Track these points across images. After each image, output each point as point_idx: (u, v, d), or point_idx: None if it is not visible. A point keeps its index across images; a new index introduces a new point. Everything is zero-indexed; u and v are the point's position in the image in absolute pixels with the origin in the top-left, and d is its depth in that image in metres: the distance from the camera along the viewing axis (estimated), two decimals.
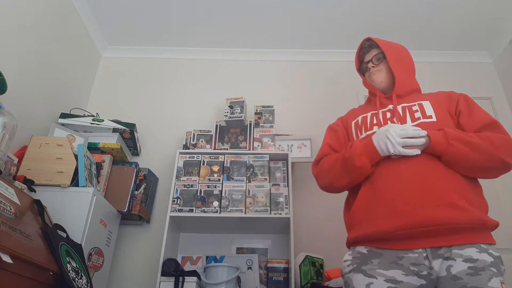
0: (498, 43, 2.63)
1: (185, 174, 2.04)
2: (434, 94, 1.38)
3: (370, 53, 1.50)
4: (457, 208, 1.05)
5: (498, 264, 1.06)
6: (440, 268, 1.04)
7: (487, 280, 1.00)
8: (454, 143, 1.11)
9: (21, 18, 1.90)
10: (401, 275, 1.06)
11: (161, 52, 2.80)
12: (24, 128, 1.80)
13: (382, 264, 1.09)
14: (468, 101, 1.33)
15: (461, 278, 1.01)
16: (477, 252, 1.04)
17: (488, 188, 2.27)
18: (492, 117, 1.26)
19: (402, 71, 1.41)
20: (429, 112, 1.26)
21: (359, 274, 1.11)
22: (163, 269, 1.73)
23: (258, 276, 1.95)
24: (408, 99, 1.35)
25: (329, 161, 1.31)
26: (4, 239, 1.00)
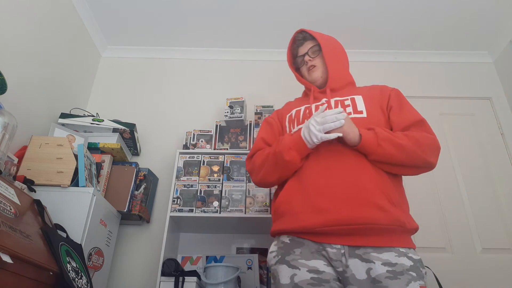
0: (498, 43, 2.63)
1: (185, 174, 2.04)
2: (368, 89, 1.38)
3: (304, 46, 1.47)
4: (379, 209, 1.06)
5: (418, 267, 1.06)
6: (358, 269, 1.05)
7: (405, 284, 1.00)
8: (383, 144, 1.12)
9: (21, 18, 1.90)
10: (323, 265, 1.08)
11: (161, 52, 2.80)
12: (24, 128, 1.80)
13: (304, 254, 1.10)
14: (399, 97, 1.33)
15: (380, 282, 1.01)
16: (396, 256, 1.05)
17: (488, 188, 2.29)
18: (420, 115, 1.27)
19: (336, 65, 1.41)
20: (360, 107, 1.27)
21: (283, 266, 1.12)
22: (163, 269, 1.73)
23: (258, 276, 1.95)
24: (341, 93, 1.35)
25: (262, 156, 1.30)
26: (4, 239, 1.00)
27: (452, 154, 2.40)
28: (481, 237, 2.15)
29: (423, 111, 2.52)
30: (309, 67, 1.42)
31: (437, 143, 1.20)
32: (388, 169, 1.17)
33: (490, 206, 2.24)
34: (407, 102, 1.32)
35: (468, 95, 2.61)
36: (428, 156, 1.16)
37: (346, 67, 1.47)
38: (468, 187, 2.30)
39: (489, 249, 2.12)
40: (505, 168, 2.35)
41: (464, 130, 2.48)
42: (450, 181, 2.31)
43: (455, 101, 2.58)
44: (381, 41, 2.67)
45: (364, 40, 2.67)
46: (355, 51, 2.73)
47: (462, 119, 2.52)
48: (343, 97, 1.32)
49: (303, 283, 1.06)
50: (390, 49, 2.73)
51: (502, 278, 2.02)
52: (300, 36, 1.49)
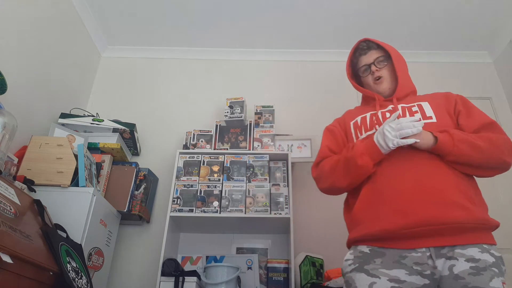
0: (498, 43, 2.63)
1: (185, 174, 2.04)
2: (431, 95, 1.37)
3: (369, 55, 1.44)
4: (462, 208, 1.06)
5: (499, 264, 1.07)
6: (443, 267, 1.04)
7: (488, 280, 1.00)
8: (460, 145, 1.12)
9: (21, 18, 1.90)
10: (404, 274, 1.06)
11: (161, 52, 2.80)
12: (24, 128, 1.80)
13: (385, 263, 1.08)
14: (465, 101, 1.34)
15: (463, 278, 1.01)
16: (479, 252, 1.05)
17: (488, 188, 2.27)
18: (489, 118, 1.27)
19: (404, 74, 1.41)
20: (428, 113, 1.27)
21: (362, 274, 1.10)
22: (163, 269, 1.73)
23: (258, 276, 1.95)
24: (407, 101, 1.35)
25: (330, 163, 1.30)
26: (4, 239, 1.00)
27: None
28: None
29: None
30: (376, 78, 1.41)
31: (511, 143, 1.19)
32: (464, 169, 1.16)
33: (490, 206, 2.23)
34: (474, 106, 1.32)
35: (468, 95, 2.57)
36: (505, 155, 1.16)
37: (409, 76, 1.47)
38: None
39: None
40: None
41: None
42: None
43: None
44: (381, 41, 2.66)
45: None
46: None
47: None
48: (409, 104, 1.32)
49: None
50: None
51: None
52: (363, 45, 1.47)
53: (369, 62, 1.43)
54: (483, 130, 1.21)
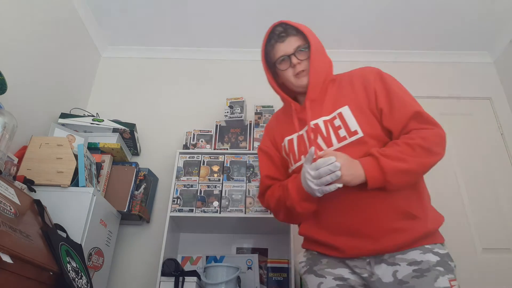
0: (498, 43, 2.63)
1: (185, 174, 2.04)
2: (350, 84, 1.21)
3: (287, 43, 1.21)
4: (400, 231, 1.04)
5: (445, 262, 1.03)
6: (384, 273, 1.04)
7: (433, 280, 0.98)
8: (392, 180, 1.01)
9: (21, 18, 1.90)
10: (347, 273, 1.09)
11: (161, 52, 2.80)
12: (24, 128, 1.80)
13: (330, 263, 1.13)
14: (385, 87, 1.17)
15: (407, 282, 1.00)
16: (421, 253, 1.03)
17: (488, 188, 2.29)
18: (413, 106, 1.13)
19: (320, 67, 1.22)
20: (352, 125, 1.11)
21: (311, 275, 1.15)
22: (163, 269, 1.73)
23: (258, 276, 1.95)
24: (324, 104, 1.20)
25: (273, 200, 1.22)
26: (4, 239, 1.00)
27: (452, 154, 2.40)
28: (481, 237, 2.15)
29: None
30: (297, 72, 1.21)
31: (441, 135, 1.11)
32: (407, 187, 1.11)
33: (490, 206, 2.24)
34: (394, 88, 1.16)
35: (468, 95, 2.61)
36: (438, 154, 1.09)
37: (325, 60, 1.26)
38: (468, 187, 2.30)
39: (489, 249, 2.12)
40: (505, 168, 2.35)
41: (464, 130, 2.47)
42: (450, 181, 2.31)
43: (455, 101, 2.58)
44: (381, 41, 2.67)
45: (364, 40, 2.67)
46: (355, 51, 2.74)
47: (462, 119, 2.52)
48: (330, 115, 1.16)
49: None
50: (390, 49, 2.73)
51: (502, 278, 2.02)
52: (279, 29, 1.22)
53: (288, 52, 1.20)
54: (410, 126, 1.10)
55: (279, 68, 1.25)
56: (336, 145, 1.12)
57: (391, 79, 1.21)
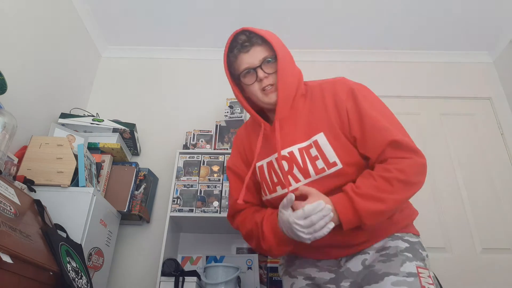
0: (498, 43, 2.63)
1: (185, 174, 2.04)
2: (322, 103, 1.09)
3: (252, 54, 1.08)
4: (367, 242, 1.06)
5: (415, 249, 1.02)
6: (353, 263, 1.05)
7: (399, 265, 0.97)
8: (367, 222, 0.94)
9: (21, 18, 1.90)
10: (315, 271, 1.11)
11: (161, 52, 2.80)
12: (24, 128, 1.80)
13: (301, 263, 1.15)
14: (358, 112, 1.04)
15: (373, 266, 1.00)
16: (390, 240, 1.04)
17: (488, 188, 2.29)
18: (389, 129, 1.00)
19: (288, 80, 1.09)
20: (331, 156, 1.02)
21: (286, 276, 1.18)
22: (163, 269, 1.73)
23: (258, 276, 1.95)
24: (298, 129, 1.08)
25: (244, 230, 1.14)
26: (4, 239, 1.00)
27: (452, 154, 2.40)
28: (481, 237, 2.15)
29: (423, 111, 2.54)
30: (264, 87, 1.08)
31: (421, 164, 1.00)
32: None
33: (490, 206, 2.24)
34: (367, 111, 1.03)
35: (468, 95, 2.61)
36: (417, 184, 1.00)
37: (293, 74, 1.13)
38: (468, 187, 2.30)
39: (489, 249, 2.12)
40: (505, 168, 2.35)
41: (464, 130, 2.47)
42: (450, 181, 2.31)
43: (455, 101, 2.58)
44: (381, 41, 2.67)
45: (364, 40, 2.67)
46: (355, 51, 2.74)
47: (462, 119, 2.52)
48: (305, 142, 1.06)
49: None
50: (390, 49, 2.73)
51: (502, 278, 2.02)
52: (243, 38, 1.10)
53: (254, 65, 1.08)
54: (386, 152, 0.99)
55: (244, 82, 1.11)
56: (314, 177, 1.03)
57: (363, 96, 1.07)
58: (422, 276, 0.96)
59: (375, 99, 1.10)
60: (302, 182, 1.04)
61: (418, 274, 0.96)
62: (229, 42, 1.13)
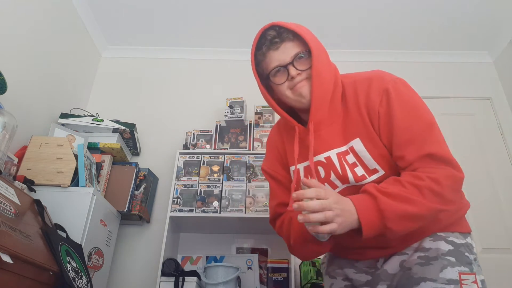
0: (498, 43, 2.63)
1: (185, 174, 2.04)
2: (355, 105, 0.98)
3: (282, 51, 0.97)
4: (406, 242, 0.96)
5: (460, 252, 0.90)
6: (392, 264, 0.97)
7: (438, 270, 0.86)
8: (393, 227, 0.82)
9: (21, 18, 1.90)
10: (352, 272, 1.07)
11: (161, 52, 2.80)
12: (24, 128, 1.80)
13: (340, 263, 1.12)
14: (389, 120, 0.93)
15: (409, 268, 0.90)
16: (431, 240, 0.92)
17: (488, 188, 2.29)
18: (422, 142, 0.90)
19: (323, 79, 0.96)
20: (370, 163, 0.94)
21: (326, 276, 1.16)
22: (163, 269, 1.73)
23: (258, 276, 1.95)
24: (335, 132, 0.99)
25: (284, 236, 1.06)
26: (4, 239, 1.00)
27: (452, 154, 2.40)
28: (481, 237, 2.15)
29: None
30: (295, 84, 0.97)
31: (458, 179, 0.88)
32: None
33: (490, 206, 2.24)
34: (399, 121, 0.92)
35: (468, 95, 2.61)
36: (452, 203, 0.89)
37: (330, 74, 1.00)
38: (468, 187, 2.28)
39: (489, 249, 2.12)
40: (505, 168, 2.35)
41: (464, 130, 2.47)
42: None
43: (455, 101, 2.58)
44: (381, 41, 2.67)
45: (364, 40, 2.67)
46: (355, 51, 2.74)
47: (462, 119, 2.52)
48: (342, 147, 0.97)
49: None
50: (390, 49, 2.73)
51: (502, 278, 2.02)
52: (273, 34, 0.98)
53: (285, 62, 0.97)
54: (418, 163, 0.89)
55: (273, 82, 1.00)
56: (353, 184, 0.95)
57: (399, 98, 0.94)
58: (465, 283, 0.86)
59: (413, 99, 0.98)
60: (340, 188, 0.97)
61: (460, 281, 0.86)
62: (257, 39, 1.01)
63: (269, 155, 1.17)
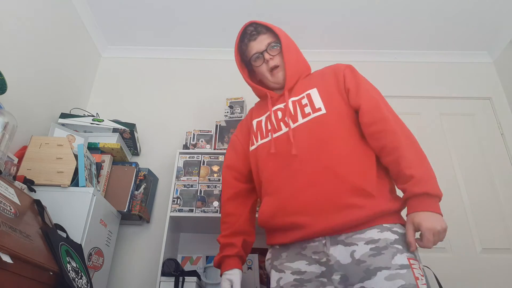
0: (498, 43, 2.63)
1: (185, 174, 2.04)
2: (321, 74, 1.31)
3: (259, 41, 1.33)
4: (352, 207, 1.03)
5: (405, 240, 1.02)
6: (342, 255, 1.03)
7: (390, 258, 0.97)
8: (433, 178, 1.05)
9: (21, 18, 1.90)
10: (304, 265, 1.08)
11: (161, 52, 2.80)
12: (24, 128, 1.80)
13: (289, 257, 1.13)
14: (354, 76, 1.25)
15: (364, 261, 0.99)
16: (378, 232, 1.02)
17: (488, 188, 2.29)
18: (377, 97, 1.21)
19: (291, 60, 1.31)
20: (317, 103, 1.20)
21: (272, 270, 1.17)
22: (163, 269, 1.73)
23: (258, 276, 1.95)
24: (296, 90, 1.29)
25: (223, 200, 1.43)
26: (4, 239, 1.00)
27: (452, 154, 2.40)
28: (481, 237, 2.15)
29: (423, 111, 2.54)
30: (271, 67, 1.31)
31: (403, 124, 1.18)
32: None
33: (490, 206, 2.24)
34: (363, 80, 1.25)
35: (468, 95, 2.61)
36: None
37: (298, 55, 1.37)
38: (468, 187, 2.30)
39: (489, 249, 2.12)
40: (505, 168, 2.35)
41: (464, 130, 2.47)
42: (450, 181, 2.31)
43: (455, 101, 2.58)
44: (381, 41, 2.67)
45: (364, 40, 2.67)
46: (355, 51, 2.74)
47: (462, 119, 2.52)
48: (298, 96, 1.26)
49: (287, 285, 1.09)
50: (390, 49, 2.73)
51: (502, 278, 2.02)
52: (251, 29, 1.34)
53: (261, 50, 1.32)
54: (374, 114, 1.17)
55: (254, 65, 1.36)
56: (301, 121, 1.19)
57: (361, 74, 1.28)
58: (414, 267, 0.97)
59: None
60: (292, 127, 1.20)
61: (411, 266, 0.96)
62: (240, 33, 1.37)
63: (240, 124, 1.51)
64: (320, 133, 1.14)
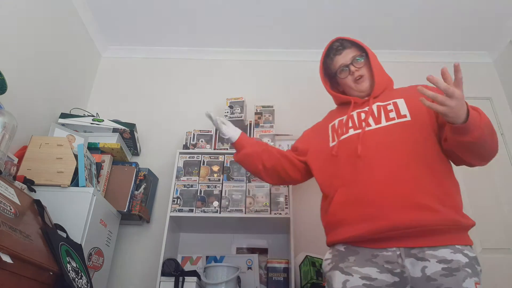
0: (498, 43, 2.63)
1: (185, 174, 2.04)
2: (408, 90, 1.34)
3: (345, 55, 1.40)
4: (429, 210, 1.07)
5: (473, 264, 1.06)
6: (413, 268, 1.05)
7: (461, 280, 1.00)
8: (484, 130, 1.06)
9: (21, 18, 1.90)
10: (375, 272, 1.08)
11: (161, 52, 2.80)
12: (24, 128, 1.80)
13: (358, 261, 1.12)
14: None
15: (435, 280, 1.01)
16: (451, 253, 1.05)
17: (488, 188, 2.29)
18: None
19: (380, 71, 1.39)
20: (403, 110, 1.24)
21: (337, 271, 1.14)
22: (163, 269, 1.73)
23: (258, 276, 1.95)
24: (382, 97, 1.33)
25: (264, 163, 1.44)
26: (4, 239, 1.00)
27: None
28: (481, 237, 2.15)
29: None
30: (356, 77, 1.37)
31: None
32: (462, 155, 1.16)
33: (490, 206, 2.24)
34: None
35: (468, 95, 2.55)
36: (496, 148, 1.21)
37: (384, 71, 1.45)
38: (468, 187, 2.29)
39: (489, 249, 2.12)
40: (505, 168, 2.35)
41: None
42: None
43: None
44: (381, 41, 2.67)
45: (364, 40, 2.65)
46: None
47: None
48: (384, 102, 1.30)
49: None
50: (390, 49, 2.73)
51: (502, 278, 2.02)
52: (337, 44, 1.43)
53: (346, 63, 1.39)
54: None
55: (339, 77, 1.41)
56: (384, 124, 1.23)
57: None
58: None
59: None
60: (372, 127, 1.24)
61: None
62: (326, 49, 1.46)
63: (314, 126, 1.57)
64: (402, 133, 1.19)
